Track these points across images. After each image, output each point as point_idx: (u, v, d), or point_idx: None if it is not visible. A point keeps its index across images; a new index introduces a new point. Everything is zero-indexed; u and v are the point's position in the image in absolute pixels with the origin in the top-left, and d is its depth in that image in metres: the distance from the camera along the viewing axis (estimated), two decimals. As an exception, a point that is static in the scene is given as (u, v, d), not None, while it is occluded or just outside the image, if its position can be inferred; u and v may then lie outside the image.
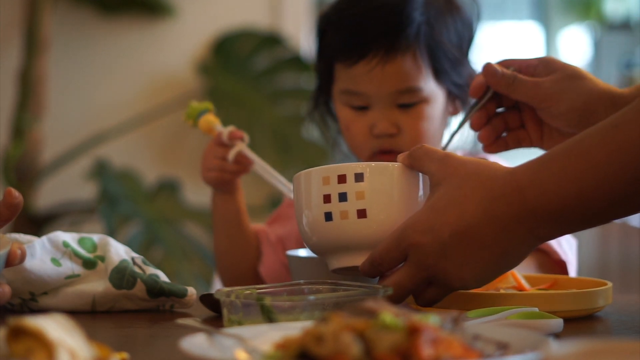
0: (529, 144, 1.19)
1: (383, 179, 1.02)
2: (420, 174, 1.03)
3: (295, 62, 3.03)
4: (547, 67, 1.13)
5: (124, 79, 3.07)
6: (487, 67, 1.15)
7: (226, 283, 1.43)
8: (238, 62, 3.05)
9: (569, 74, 1.11)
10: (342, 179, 1.02)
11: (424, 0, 1.33)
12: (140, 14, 3.05)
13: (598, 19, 6.13)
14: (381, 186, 1.02)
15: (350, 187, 1.01)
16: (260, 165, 1.28)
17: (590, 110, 1.10)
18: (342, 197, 1.01)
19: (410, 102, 1.32)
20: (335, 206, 1.02)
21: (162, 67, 3.08)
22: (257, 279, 1.41)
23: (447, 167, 0.97)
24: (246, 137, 1.31)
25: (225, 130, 1.29)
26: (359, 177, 1.01)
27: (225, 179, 1.32)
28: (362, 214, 1.01)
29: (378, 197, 1.01)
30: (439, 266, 0.94)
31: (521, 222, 0.92)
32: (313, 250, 1.07)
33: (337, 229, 1.02)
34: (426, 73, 1.33)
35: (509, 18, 6.43)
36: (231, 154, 1.29)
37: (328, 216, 1.02)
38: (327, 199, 1.02)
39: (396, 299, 0.96)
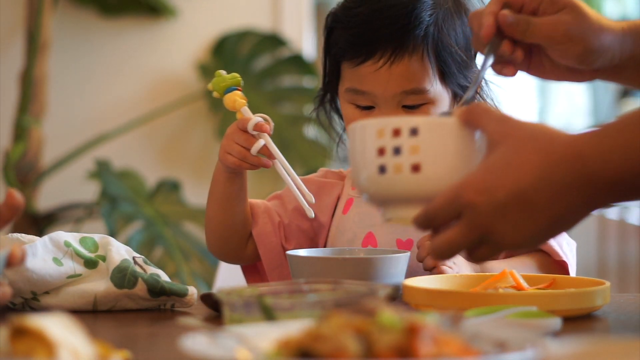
0: (529, 71, 1.18)
1: (439, 134, 1.00)
2: (477, 132, 1.00)
3: (296, 62, 3.04)
4: (552, 3, 1.13)
5: (125, 80, 3.07)
6: (501, 16, 1.12)
7: (216, 252, 1.43)
8: (238, 62, 3.05)
9: (579, 14, 1.11)
10: (397, 132, 0.99)
11: (433, 1, 1.34)
12: (141, 15, 3.06)
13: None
14: (436, 141, 0.99)
15: (405, 141, 0.99)
16: (282, 163, 1.27)
17: (602, 49, 1.11)
18: (397, 150, 0.99)
19: (415, 103, 1.32)
20: (389, 159, 0.99)
21: (163, 68, 3.08)
22: (247, 253, 1.41)
23: (506, 127, 0.96)
24: (271, 124, 1.29)
25: (253, 120, 1.27)
26: (414, 132, 0.99)
27: (243, 167, 1.31)
28: (416, 168, 0.99)
29: (433, 152, 0.99)
30: (493, 227, 0.93)
31: (578, 189, 0.92)
32: (367, 201, 1.05)
33: (390, 182, 1.00)
34: (432, 75, 1.33)
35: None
36: (255, 147, 1.27)
37: (382, 169, 1.00)
38: (381, 152, 1.00)
39: (447, 256, 0.96)
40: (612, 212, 3.51)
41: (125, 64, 3.07)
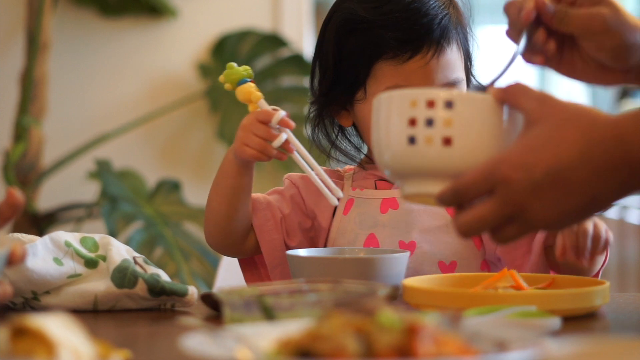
0: (559, 68, 1.16)
1: (474, 109, 0.98)
2: (510, 110, 0.99)
3: (296, 62, 3.04)
4: None
5: (125, 80, 3.08)
6: (541, 2, 1.11)
7: (216, 244, 1.42)
8: (239, 62, 3.04)
9: (616, 8, 1.10)
10: (431, 104, 0.98)
11: None
12: (141, 15, 3.06)
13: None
14: (471, 116, 0.98)
15: (438, 113, 0.97)
16: (303, 156, 1.27)
17: (636, 45, 1.10)
18: (429, 122, 0.97)
19: None
20: (420, 131, 0.98)
21: (163, 68, 3.08)
22: (246, 247, 1.41)
23: (545, 106, 0.95)
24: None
25: (278, 114, 1.27)
26: (448, 104, 0.98)
27: (261, 160, 1.30)
28: (447, 141, 0.97)
29: (466, 126, 0.97)
30: (526, 205, 0.92)
31: (617, 171, 0.91)
32: (388, 175, 1.04)
33: (420, 154, 0.98)
34: (462, 63, 1.37)
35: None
36: (278, 141, 1.27)
37: (412, 140, 0.98)
38: (412, 122, 0.98)
39: (474, 233, 0.95)
40: (612, 212, 3.51)
41: (125, 64, 3.07)
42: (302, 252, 1.28)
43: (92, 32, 3.05)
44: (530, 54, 1.14)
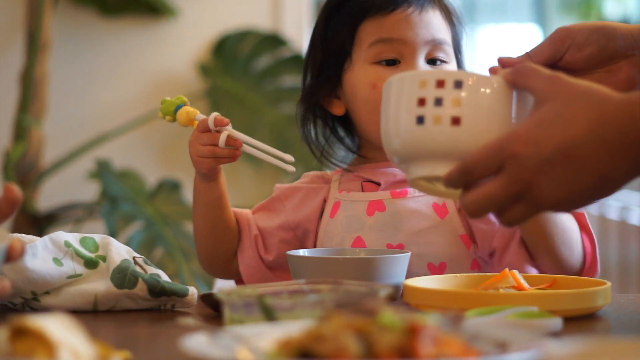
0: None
1: (483, 90, 0.98)
2: (520, 91, 0.99)
3: (296, 62, 3.03)
4: None
5: (125, 80, 3.07)
6: (500, 60, 1.11)
7: (206, 267, 1.44)
8: (239, 62, 3.05)
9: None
10: (440, 83, 0.98)
11: None
12: (141, 15, 3.05)
13: (598, 20, 6.12)
14: (480, 97, 0.98)
15: (448, 92, 0.97)
16: (251, 144, 1.30)
17: (607, 28, 1.09)
18: (438, 102, 0.97)
19: (441, 57, 1.36)
20: (429, 110, 0.97)
21: (163, 67, 3.08)
22: (234, 268, 1.42)
23: (557, 85, 0.94)
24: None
25: (211, 117, 1.30)
26: (458, 84, 0.97)
27: (219, 163, 1.33)
28: (456, 121, 0.97)
29: (474, 106, 0.97)
30: (536, 182, 0.91)
31: (628, 150, 0.90)
32: (396, 156, 1.03)
33: (428, 134, 0.98)
34: (448, 32, 1.39)
35: (509, 20, 6.44)
36: (222, 139, 1.30)
37: (420, 119, 0.98)
38: (421, 102, 0.98)
39: (483, 212, 0.94)
40: (612, 213, 3.51)
41: (125, 64, 3.07)
42: (302, 252, 1.28)
43: (92, 32, 3.05)
44: None
